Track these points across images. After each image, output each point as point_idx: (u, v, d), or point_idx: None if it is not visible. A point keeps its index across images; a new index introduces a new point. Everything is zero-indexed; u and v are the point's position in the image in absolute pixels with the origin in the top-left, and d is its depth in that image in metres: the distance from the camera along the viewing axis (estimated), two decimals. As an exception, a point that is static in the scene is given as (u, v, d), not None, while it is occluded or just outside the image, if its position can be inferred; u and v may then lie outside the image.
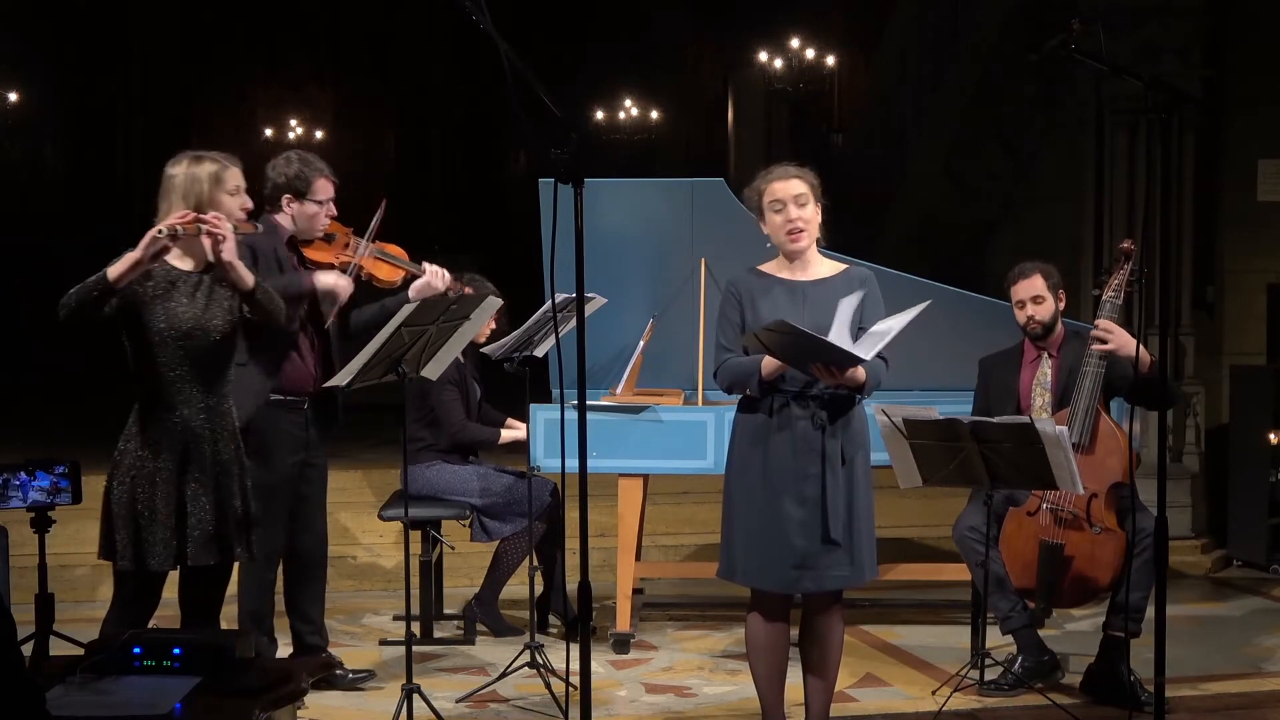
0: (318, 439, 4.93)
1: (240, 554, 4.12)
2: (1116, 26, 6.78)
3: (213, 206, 4.03)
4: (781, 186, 4.07)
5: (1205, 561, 7.31)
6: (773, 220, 4.08)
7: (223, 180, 4.08)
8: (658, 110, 16.77)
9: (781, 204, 4.05)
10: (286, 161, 4.88)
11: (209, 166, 4.09)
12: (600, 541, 6.28)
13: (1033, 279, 5.08)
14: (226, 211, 4.06)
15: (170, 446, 3.99)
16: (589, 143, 14.32)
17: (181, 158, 4.12)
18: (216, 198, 4.06)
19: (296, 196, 4.83)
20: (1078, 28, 3.90)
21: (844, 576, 4.05)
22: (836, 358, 3.88)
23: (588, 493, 3.52)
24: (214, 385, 4.07)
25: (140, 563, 3.97)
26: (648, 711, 4.90)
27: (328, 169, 4.92)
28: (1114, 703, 4.79)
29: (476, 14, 3.55)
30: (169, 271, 4.03)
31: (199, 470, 4.02)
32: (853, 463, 4.04)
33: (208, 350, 4.03)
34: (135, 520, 3.97)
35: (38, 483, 4.67)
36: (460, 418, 5.73)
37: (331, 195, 4.90)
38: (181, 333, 3.98)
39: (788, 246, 4.08)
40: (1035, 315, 5.09)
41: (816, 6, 13.77)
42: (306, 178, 4.84)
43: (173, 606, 4.19)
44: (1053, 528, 4.94)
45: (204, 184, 4.05)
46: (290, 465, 4.81)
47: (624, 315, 5.77)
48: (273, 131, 17.57)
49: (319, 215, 4.87)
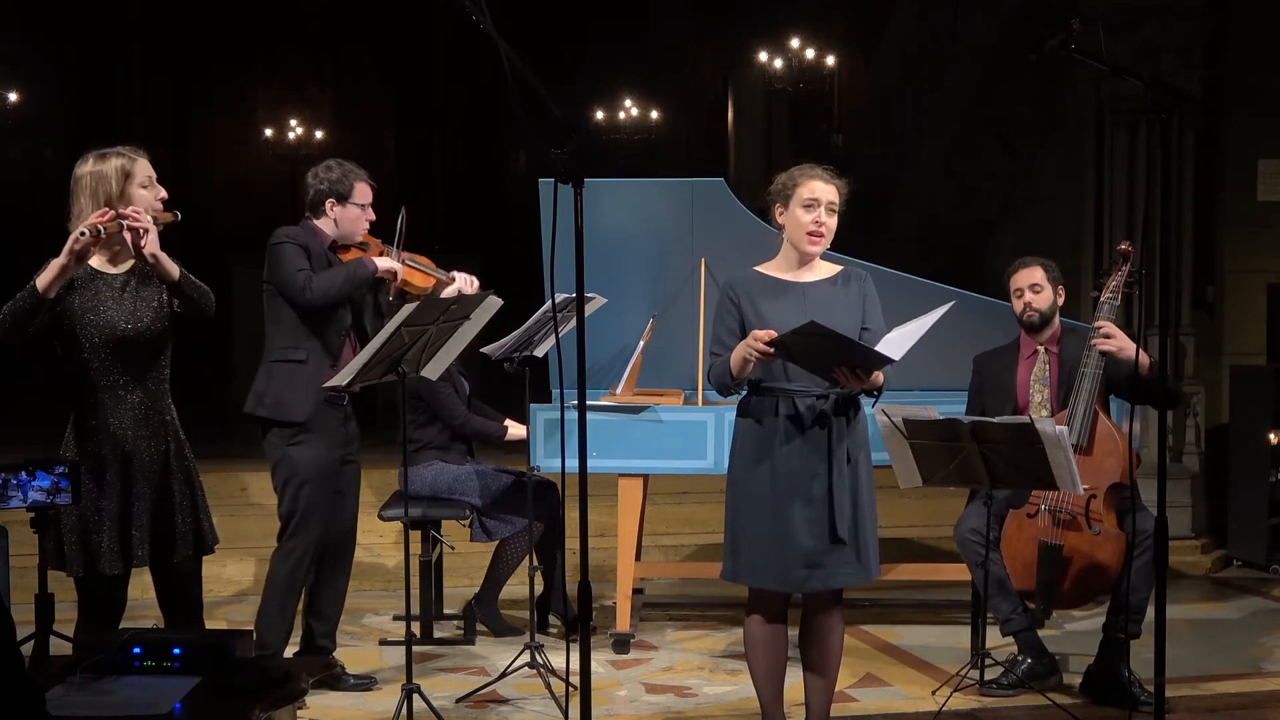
0: (356, 435, 5.00)
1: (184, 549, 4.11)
2: (1116, 26, 6.79)
3: (125, 201, 4.01)
4: (822, 188, 4.06)
5: (1205, 561, 7.31)
6: (798, 215, 4.05)
7: (132, 174, 4.06)
8: (658, 110, 16.74)
9: (816, 204, 4.04)
10: (328, 168, 4.97)
11: (116, 161, 4.06)
12: (600, 541, 6.28)
13: (1033, 269, 5.11)
14: (141, 204, 4.03)
15: (110, 450, 4.00)
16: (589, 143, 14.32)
17: (88, 156, 4.09)
18: (128, 192, 4.04)
19: (339, 200, 4.91)
20: (1078, 28, 3.90)
21: (851, 575, 4.05)
22: (864, 360, 3.89)
23: (588, 493, 3.52)
24: (149, 384, 4.07)
25: (91, 568, 3.99)
26: (648, 711, 4.89)
27: (366, 175, 5.00)
28: (1114, 703, 4.79)
29: (476, 14, 3.54)
30: (93, 275, 4.02)
31: (139, 470, 4.03)
32: (857, 462, 4.05)
33: (140, 350, 4.03)
34: (83, 525, 3.99)
35: (38, 483, 4.65)
36: (463, 412, 5.74)
37: (370, 200, 4.97)
38: (114, 336, 3.98)
39: (803, 246, 4.07)
40: (1033, 303, 5.09)
41: (816, 6, 13.76)
42: (348, 182, 4.92)
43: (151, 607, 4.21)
44: (1052, 529, 4.94)
45: (112, 180, 4.02)
46: (332, 460, 4.87)
47: (624, 315, 5.77)
48: (273, 131, 17.55)
49: (360, 218, 4.96)
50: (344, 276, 4.81)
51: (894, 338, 3.97)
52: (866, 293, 4.12)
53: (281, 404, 4.79)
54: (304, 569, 4.89)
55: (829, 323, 3.92)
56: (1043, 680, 4.99)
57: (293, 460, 4.80)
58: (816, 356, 3.92)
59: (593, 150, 15.39)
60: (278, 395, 4.80)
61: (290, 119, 17.51)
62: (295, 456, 4.80)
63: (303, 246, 4.80)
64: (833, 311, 4.01)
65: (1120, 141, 7.64)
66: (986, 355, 5.31)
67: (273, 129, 17.60)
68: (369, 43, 17.62)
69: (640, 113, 16.75)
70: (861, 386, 3.98)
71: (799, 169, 4.12)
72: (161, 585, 4.20)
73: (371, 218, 4.99)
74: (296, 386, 4.79)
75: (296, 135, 17.38)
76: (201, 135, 17.19)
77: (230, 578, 6.46)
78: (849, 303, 4.09)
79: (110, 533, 3.99)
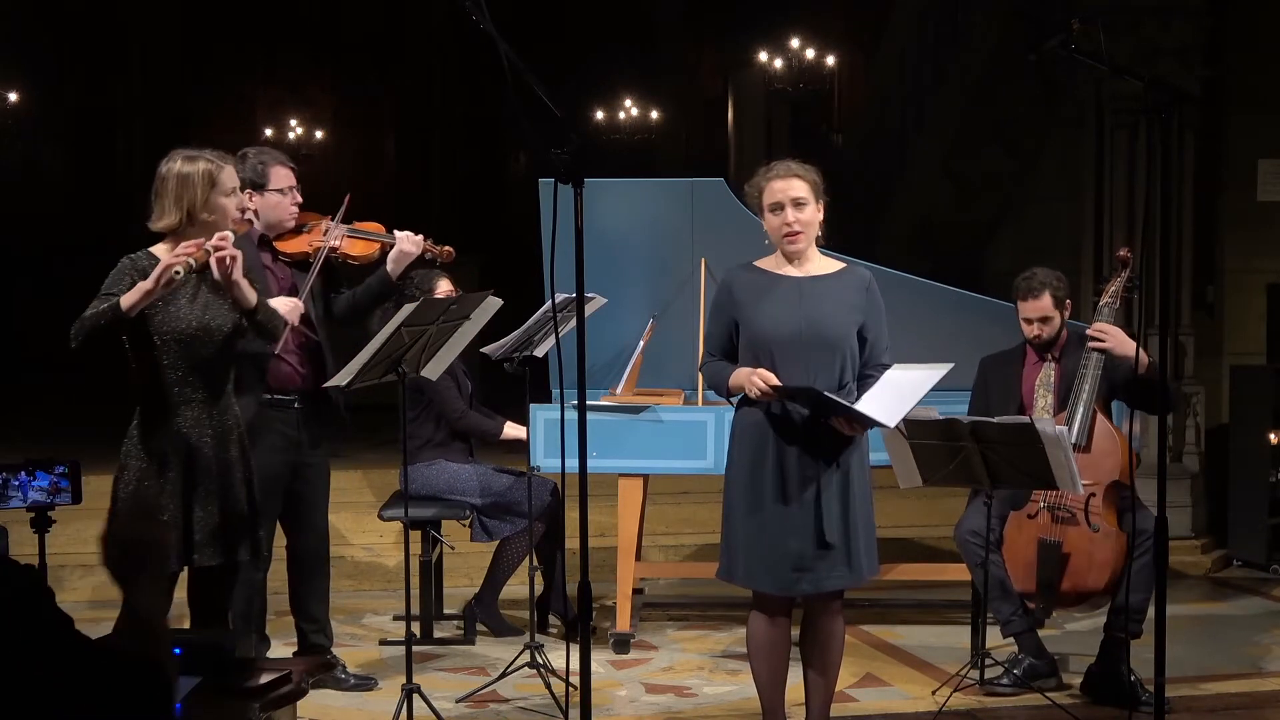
0: (312, 438, 4.90)
1: (243, 553, 4.07)
2: (1116, 26, 6.78)
3: (206, 209, 3.92)
4: (781, 186, 4.04)
5: (1205, 561, 7.31)
6: (770, 220, 4.07)
7: (219, 182, 3.94)
8: (658, 110, 16.75)
9: (780, 206, 4.03)
10: (241, 158, 4.70)
11: (203, 166, 3.94)
12: (600, 541, 6.27)
13: (1041, 300, 5.05)
14: (224, 214, 3.97)
15: (174, 451, 3.95)
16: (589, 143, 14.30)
17: (174, 156, 3.97)
18: (212, 201, 3.93)
19: (256, 190, 4.75)
20: (1078, 28, 3.90)
21: (841, 578, 4.05)
22: (860, 420, 3.93)
23: (588, 493, 3.52)
24: (216, 386, 4.03)
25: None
26: (648, 711, 4.89)
27: (285, 157, 4.86)
28: (1114, 703, 4.79)
29: (477, 14, 3.55)
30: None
31: (203, 473, 3.98)
32: (849, 465, 4.04)
33: (211, 352, 3.98)
34: None
35: (38, 483, 4.66)
36: (461, 406, 5.74)
37: (292, 182, 4.82)
38: (185, 337, 3.93)
39: (785, 248, 4.08)
40: (1042, 334, 5.09)
41: (816, 7, 13.76)
42: (262, 169, 4.77)
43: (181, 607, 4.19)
44: (1051, 525, 4.95)
45: (197, 187, 3.91)
46: (280, 464, 4.78)
47: (624, 315, 5.77)
48: (273, 131, 17.55)
49: (283, 203, 4.80)
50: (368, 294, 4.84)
51: (891, 380, 4.00)
52: (871, 300, 4.10)
53: None
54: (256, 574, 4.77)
55: (820, 319, 3.94)
56: (1043, 680, 4.99)
57: None
58: (815, 408, 3.95)
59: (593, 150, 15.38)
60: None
61: (290, 119, 17.52)
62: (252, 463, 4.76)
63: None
64: (822, 309, 4.01)
65: (1120, 141, 7.63)
66: (992, 359, 5.29)
67: (273, 129, 17.60)
68: (369, 43, 17.63)
69: (640, 113, 16.76)
70: (854, 434, 4.01)
71: (761, 173, 4.11)
72: (197, 586, 4.10)
73: (298, 201, 4.81)
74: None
75: (296, 135, 17.39)
76: (202, 135, 17.14)
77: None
78: (843, 302, 4.06)
79: (172, 531, 3.91)
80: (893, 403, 3.96)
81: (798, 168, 4.08)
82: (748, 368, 4.00)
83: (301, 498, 4.91)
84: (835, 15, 13.69)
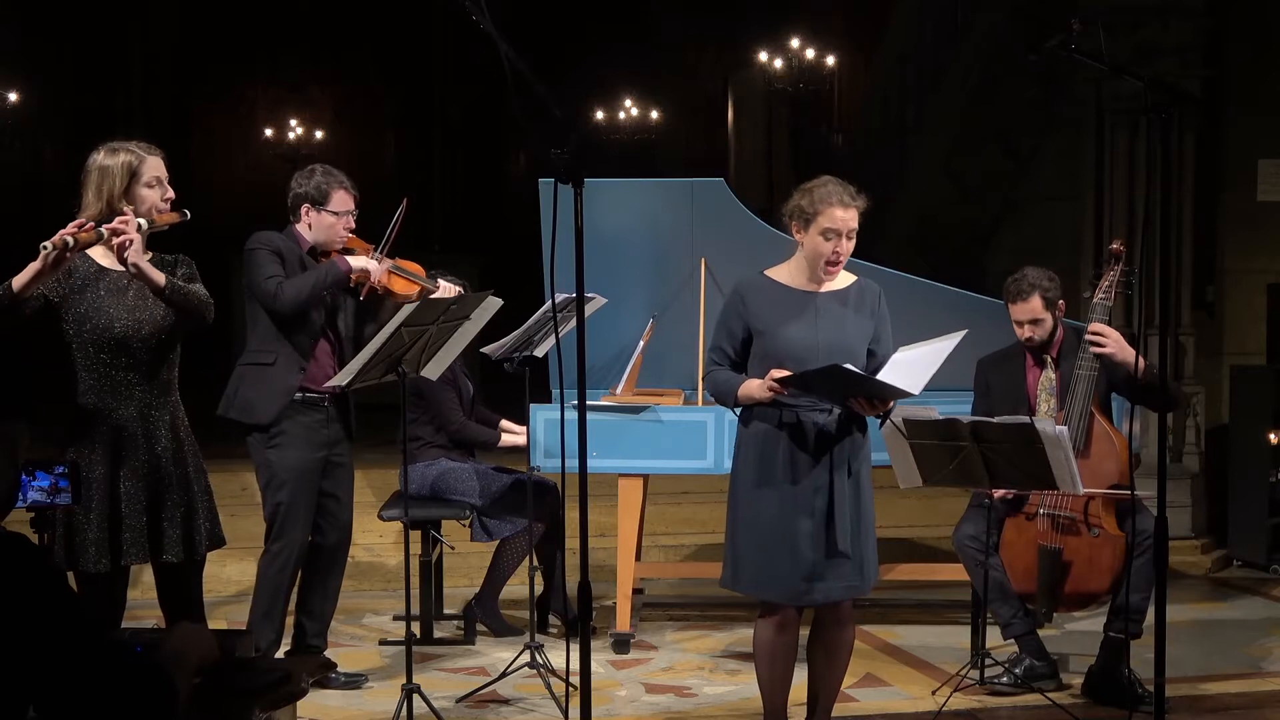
0: (340, 436, 4.97)
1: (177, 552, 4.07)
2: (1116, 26, 6.78)
3: (127, 200, 3.98)
4: (843, 216, 3.98)
5: (1205, 561, 7.31)
6: (817, 242, 4.00)
7: (138, 172, 4.01)
8: (658, 110, 16.75)
9: (835, 234, 3.98)
10: (309, 174, 4.93)
11: (124, 157, 4.02)
12: (600, 541, 6.28)
13: (1030, 302, 4.99)
14: (145, 204, 4.01)
15: (105, 447, 3.98)
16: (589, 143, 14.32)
17: (100, 148, 4.06)
18: (132, 190, 4.00)
19: (314, 206, 4.87)
20: (1078, 28, 3.90)
21: (853, 587, 4.06)
22: (882, 394, 3.92)
23: (588, 493, 3.52)
24: (150, 384, 4.04)
25: (73, 564, 3.97)
26: (648, 711, 4.89)
27: (349, 183, 4.95)
28: (1114, 703, 4.79)
29: (476, 13, 3.54)
30: (99, 273, 4.01)
31: (132, 470, 4.00)
32: (859, 473, 4.05)
33: (141, 350, 4.01)
34: (69, 521, 3.97)
35: (38, 483, 4.65)
36: (460, 417, 5.74)
37: (350, 208, 4.93)
38: (114, 334, 3.96)
39: (820, 274, 4.05)
40: (1034, 336, 5.07)
41: (816, 7, 13.76)
42: (324, 189, 4.88)
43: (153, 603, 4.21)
44: (1051, 533, 4.94)
45: (116, 177, 3.99)
46: (313, 461, 4.85)
47: (624, 315, 5.77)
48: (273, 131, 17.55)
49: (336, 226, 4.90)
50: (314, 280, 4.76)
51: (902, 360, 3.98)
52: (879, 312, 4.11)
53: (248, 406, 4.79)
54: (290, 571, 4.88)
55: (838, 339, 3.93)
56: (1043, 680, 4.98)
57: (271, 463, 4.81)
58: (835, 390, 3.94)
59: (593, 150, 15.40)
60: (245, 397, 4.81)
61: (290, 119, 17.51)
62: (274, 459, 4.80)
63: (275, 252, 4.76)
64: (843, 329, 4.01)
65: (1120, 141, 7.63)
66: (991, 359, 5.27)
67: (273, 129, 17.60)
68: (369, 43, 17.63)
69: (640, 113, 16.75)
70: (874, 414, 3.99)
71: (820, 192, 4.01)
72: (161, 583, 4.20)
73: (350, 226, 4.93)
74: (262, 389, 4.78)
75: (296, 135, 17.38)
76: (201, 135, 17.19)
77: (230, 577, 6.45)
78: (860, 320, 4.08)
79: (96, 531, 3.97)
80: (914, 374, 3.95)
81: (859, 197, 4.03)
82: (758, 380, 3.99)
83: (331, 495, 4.96)
84: (835, 15, 13.69)
